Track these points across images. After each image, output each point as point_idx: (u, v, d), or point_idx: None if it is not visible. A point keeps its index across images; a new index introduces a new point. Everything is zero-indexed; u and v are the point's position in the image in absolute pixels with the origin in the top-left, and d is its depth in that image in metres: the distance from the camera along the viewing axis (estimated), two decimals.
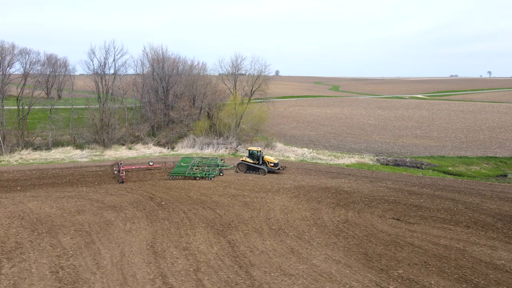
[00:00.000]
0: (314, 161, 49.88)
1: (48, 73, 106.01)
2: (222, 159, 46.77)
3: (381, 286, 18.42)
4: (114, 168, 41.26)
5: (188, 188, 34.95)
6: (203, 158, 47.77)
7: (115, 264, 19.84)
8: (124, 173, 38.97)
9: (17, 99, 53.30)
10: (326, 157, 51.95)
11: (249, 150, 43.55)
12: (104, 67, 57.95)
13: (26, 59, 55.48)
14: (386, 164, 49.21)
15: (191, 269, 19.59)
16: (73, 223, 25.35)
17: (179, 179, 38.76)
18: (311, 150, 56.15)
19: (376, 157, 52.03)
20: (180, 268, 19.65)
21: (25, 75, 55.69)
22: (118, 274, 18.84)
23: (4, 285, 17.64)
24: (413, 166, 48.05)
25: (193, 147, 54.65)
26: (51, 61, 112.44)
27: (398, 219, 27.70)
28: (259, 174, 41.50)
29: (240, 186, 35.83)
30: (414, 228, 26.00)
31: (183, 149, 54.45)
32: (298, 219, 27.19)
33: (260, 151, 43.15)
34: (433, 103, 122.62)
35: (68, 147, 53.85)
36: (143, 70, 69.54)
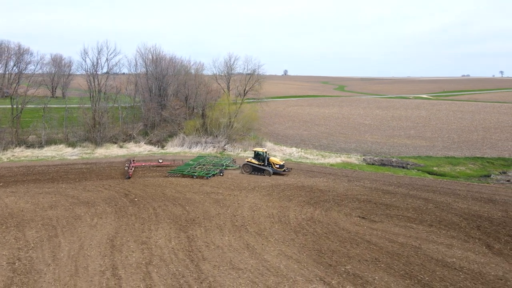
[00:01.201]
0: (300, 160, 50.19)
1: (53, 72, 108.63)
2: (234, 159, 47.43)
3: (324, 281, 18.85)
4: (126, 164, 42.99)
5: (165, 185, 35.69)
6: (215, 157, 48.92)
7: (72, 256, 20.60)
8: (133, 169, 40.48)
9: (11, 97, 54.70)
10: (313, 157, 52.22)
11: (255, 151, 42.77)
12: (97, 66, 59.16)
13: (20, 59, 56.85)
14: (372, 164, 49.27)
15: (143, 262, 20.25)
16: (42, 217, 26.24)
17: (177, 176, 39.63)
18: (299, 149, 56.42)
19: (363, 157, 52.10)
20: (133, 261, 20.32)
21: (19, 74, 57.12)
22: (71, 266, 19.59)
23: None
24: (398, 166, 48.02)
25: (182, 145, 55.45)
26: (56, 61, 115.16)
27: (363, 218, 28.01)
28: (264, 175, 40.79)
29: (217, 184, 36.42)
30: (376, 226, 26.29)
31: (172, 148, 55.29)
32: (264, 216, 27.67)
33: (266, 152, 42.43)
34: (434, 103, 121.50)
35: (61, 145, 54.99)
36: (136, 69, 70.70)
